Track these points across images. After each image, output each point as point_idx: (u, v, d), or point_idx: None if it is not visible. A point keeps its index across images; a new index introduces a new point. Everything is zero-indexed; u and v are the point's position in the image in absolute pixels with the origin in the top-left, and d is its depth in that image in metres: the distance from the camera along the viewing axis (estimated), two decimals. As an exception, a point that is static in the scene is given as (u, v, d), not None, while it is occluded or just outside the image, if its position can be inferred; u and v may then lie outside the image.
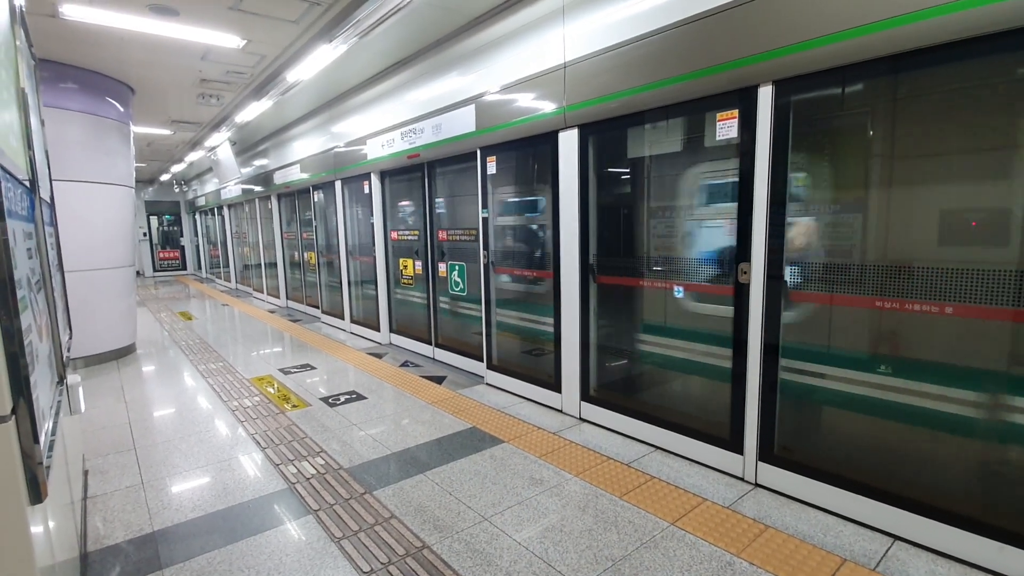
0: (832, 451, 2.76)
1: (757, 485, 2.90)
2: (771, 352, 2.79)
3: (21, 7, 2.18)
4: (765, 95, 2.63)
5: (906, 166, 2.47)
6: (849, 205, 2.62)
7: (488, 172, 4.57)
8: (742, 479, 2.97)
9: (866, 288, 2.51)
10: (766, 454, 2.86)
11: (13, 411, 1.10)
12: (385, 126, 5.85)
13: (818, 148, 2.71)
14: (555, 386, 4.14)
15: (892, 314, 2.46)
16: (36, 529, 1.19)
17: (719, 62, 2.77)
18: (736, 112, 2.80)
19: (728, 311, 3.00)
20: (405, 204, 6.33)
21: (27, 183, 1.85)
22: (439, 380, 5.03)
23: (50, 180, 3.29)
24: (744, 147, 2.79)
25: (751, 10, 2.62)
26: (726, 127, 2.85)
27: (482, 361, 4.95)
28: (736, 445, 2.98)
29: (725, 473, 3.05)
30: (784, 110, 2.61)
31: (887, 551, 2.33)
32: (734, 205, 2.88)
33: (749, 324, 2.84)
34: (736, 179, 2.86)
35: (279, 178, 9.19)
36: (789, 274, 2.72)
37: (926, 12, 2.10)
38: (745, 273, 2.83)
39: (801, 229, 2.74)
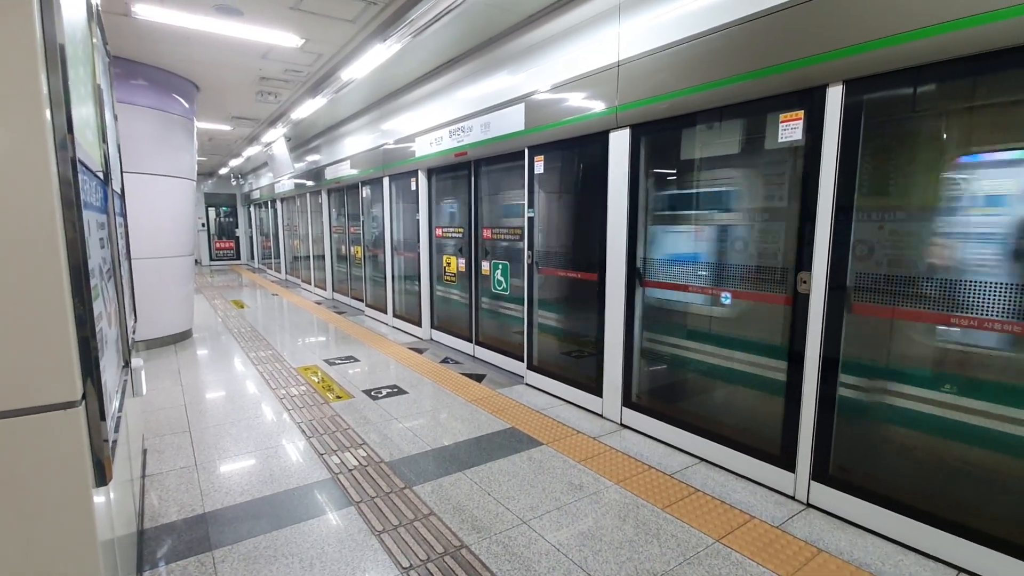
0: (893, 474, 2.60)
1: (808, 505, 2.77)
2: (830, 367, 2.64)
3: (97, 6, 2.29)
4: (834, 95, 2.49)
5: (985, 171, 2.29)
6: (921, 213, 2.45)
7: (535, 172, 4.54)
8: (792, 498, 2.84)
9: (936, 303, 2.34)
10: (820, 473, 2.71)
11: (83, 396, 1.14)
12: (434, 124, 5.91)
13: (890, 152, 2.54)
14: (596, 390, 4.07)
15: (967, 332, 2.28)
16: (100, 506, 1.24)
17: (783, 61, 2.65)
18: (801, 113, 2.66)
19: (782, 322, 2.87)
20: (451, 202, 6.37)
21: (100, 175, 1.95)
22: (479, 378, 5.04)
23: (121, 172, 3.47)
24: (808, 150, 2.65)
25: (819, 6, 2.48)
26: (790, 128, 2.72)
27: (522, 361, 4.93)
28: (787, 462, 2.85)
29: (774, 490, 2.92)
30: (855, 111, 2.47)
31: (954, 586, 2.18)
32: (795, 211, 2.75)
33: (808, 336, 2.71)
34: (799, 184, 2.73)
35: (330, 173, 9.44)
36: (854, 285, 2.57)
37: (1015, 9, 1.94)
38: (805, 283, 2.70)
39: (866, 238, 2.59)
